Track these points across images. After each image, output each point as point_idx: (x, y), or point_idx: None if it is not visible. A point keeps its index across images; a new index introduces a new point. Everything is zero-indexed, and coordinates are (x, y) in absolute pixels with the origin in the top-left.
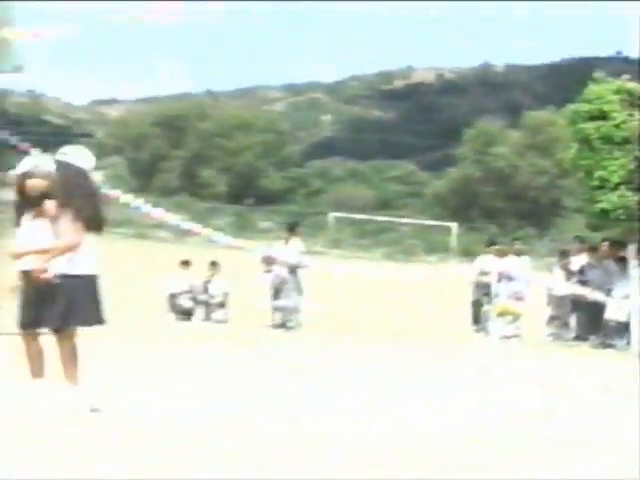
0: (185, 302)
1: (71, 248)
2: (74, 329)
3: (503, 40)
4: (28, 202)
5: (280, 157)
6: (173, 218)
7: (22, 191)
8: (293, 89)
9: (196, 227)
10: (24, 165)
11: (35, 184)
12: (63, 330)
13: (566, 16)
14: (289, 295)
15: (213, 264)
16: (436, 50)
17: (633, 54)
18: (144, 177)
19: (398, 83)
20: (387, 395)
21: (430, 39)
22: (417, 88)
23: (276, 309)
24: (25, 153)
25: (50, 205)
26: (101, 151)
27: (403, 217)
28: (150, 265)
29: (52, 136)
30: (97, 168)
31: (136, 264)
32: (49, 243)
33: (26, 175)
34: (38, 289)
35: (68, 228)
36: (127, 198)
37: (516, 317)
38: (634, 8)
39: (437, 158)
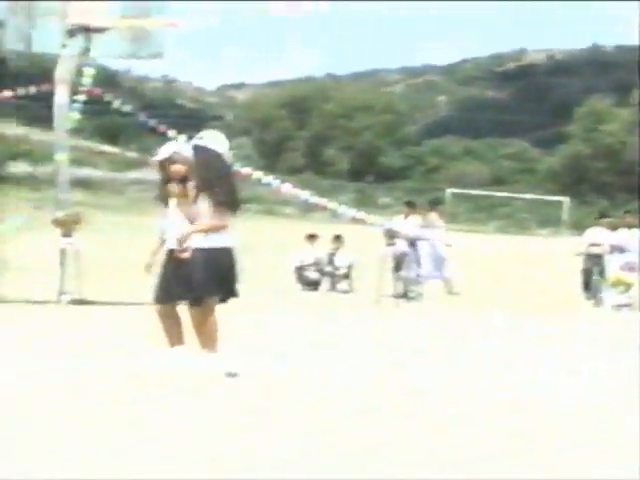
0: (311, 274)
1: (218, 229)
2: (210, 302)
3: (612, 22)
4: (172, 185)
5: (398, 136)
6: (302, 193)
7: (166, 175)
8: (410, 72)
9: (322, 201)
10: (166, 150)
11: (177, 169)
12: (199, 304)
13: None
14: (410, 267)
15: (337, 237)
16: (547, 32)
17: None
18: (271, 157)
19: (510, 65)
20: (519, 360)
21: (541, 22)
22: (529, 69)
23: (398, 280)
24: (163, 135)
25: (191, 188)
26: (230, 133)
27: (516, 192)
28: (278, 239)
29: (185, 119)
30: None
31: (265, 238)
32: (194, 224)
33: (169, 160)
34: (176, 265)
35: (207, 210)
36: (258, 175)
37: (628, 287)
38: None
39: (548, 136)
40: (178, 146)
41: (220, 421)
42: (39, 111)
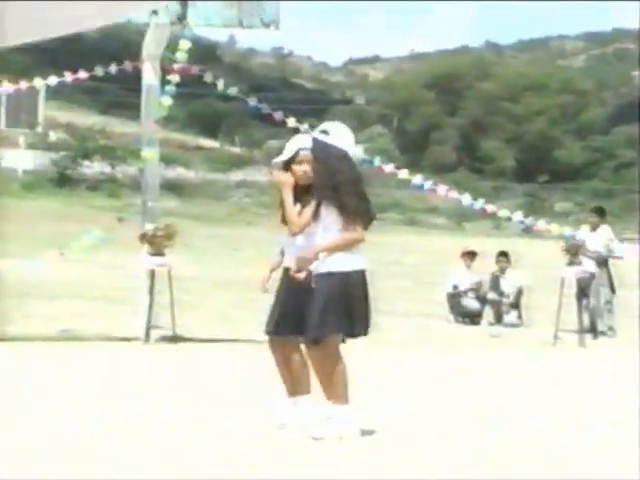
0: (469, 302)
1: (347, 247)
2: (334, 340)
3: None
4: (295, 192)
5: (580, 123)
6: (464, 198)
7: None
8: (595, 38)
9: (490, 208)
10: (291, 147)
11: (305, 171)
12: (319, 340)
13: None
14: (598, 293)
15: (503, 255)
16: None
17: None
18: (413, 151)
19: None
20: None
21: None
22: None
23: (583, 310)
24: (279, 125)
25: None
26: (361, 120)
27: None
28: (424, 257)
29: (303, 103)
30: (357, 141)
31: (407, 256)
32: (323, 239)
33: (294, 160)
34: (295, 288)
35: (333, 223)
36: (404, 174)
37: None
38: None
39: None
40: (304, 140)
41: None
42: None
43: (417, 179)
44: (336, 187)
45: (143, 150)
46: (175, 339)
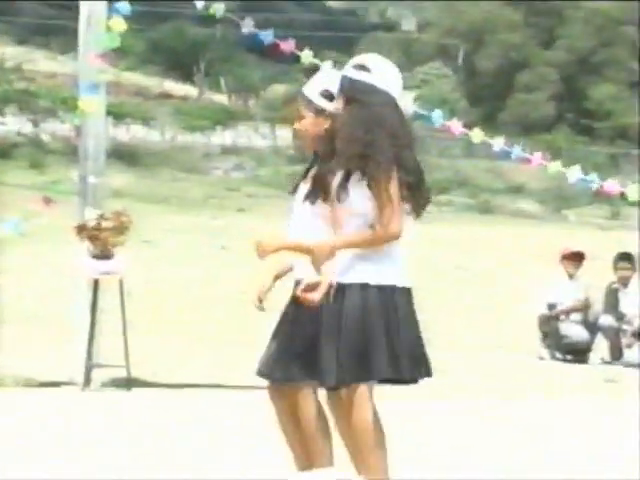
0: (573, 329)
1: (381, 242)
2: (365, 386)
3: None
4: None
5: None
6: (571, 171)
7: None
8: None
9: (609, 185)
10: (312, 89)
11: (304, 128)
12: (342, 387)
13: None
14: None
15: (626, 258)
16: None
17: None
18: (488, 100)
19: None
20: None
21: None
22: None
23: None
24: (291, 60)
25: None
26: (411, 55)
27: None
28: (504, 259)
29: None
30: (404, 86)
31: (477, 257)
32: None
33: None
34: (305, 312)
35: (364, 206)
36: (476, 134)
37: None
38: None
39: None
40: (323, 80)
41: None
42: (48, 17)
43: (497, 142)
44: (371, 143)
45: (81, 98)
46: (129, 383)
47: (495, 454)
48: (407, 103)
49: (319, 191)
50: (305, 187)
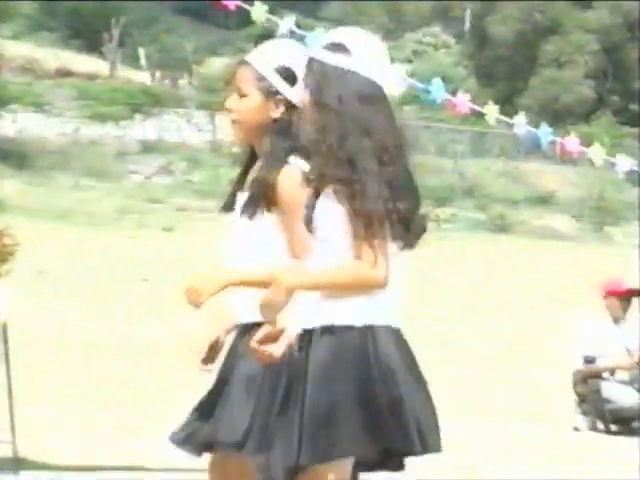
0: (618, 391)
1: (368, 286)
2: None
3: None
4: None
5: None
6: (623, 160)
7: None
8: None
9: None
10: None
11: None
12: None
13: None
14: None
15: None
16: None
17: None
18: (505, 79)
19: None
20: None
21: None
22: None
23: None
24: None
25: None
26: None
27: None
28: (524, 293)
29: None
30: (393, 59)
31: (492, 289)
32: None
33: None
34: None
35: (339, 232)
36: (490, 113)
37: None
38: None
39: None
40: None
41: None
42: None
43: (520, 123)
44: (352, 160)
45: None
46: (16, 464)
47: None
48: (396, 80)
49: (259, 200)
50: (243, 197)
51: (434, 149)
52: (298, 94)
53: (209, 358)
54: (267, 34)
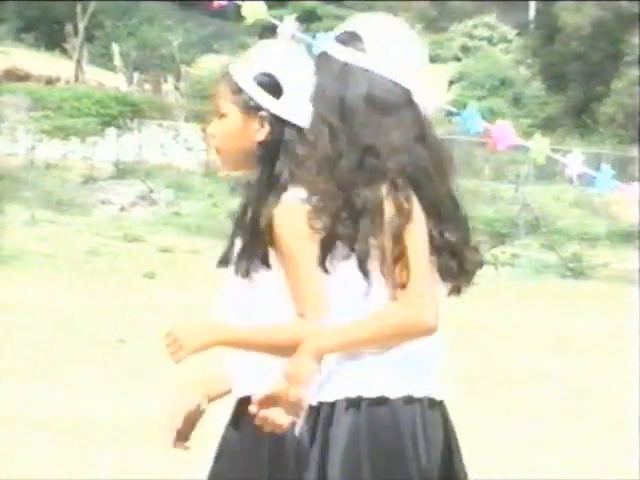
0: None
1: (406, 337)
2: None
3: None
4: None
5: None
6: None
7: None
8: None
9: None
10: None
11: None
12: None
13: None
14: None
15: None
16: None
17: None
18: (581, 82)
19: None
20: None
21: None
22: None
23: None
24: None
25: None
26: (447, 5)
27: None
28: (603, 357)
29: None
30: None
31: (563, 352)
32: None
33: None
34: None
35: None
36: (540, 148)
37: None
38: None
39: None
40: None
41: None
42: None
43: (574, 161)
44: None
45: None
46: None
47: None
48: (432, 100)
49: (254, 250)
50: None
51: (490, 172)
52: (288, 107)
53: (183, 434)
54: (274, 26)
